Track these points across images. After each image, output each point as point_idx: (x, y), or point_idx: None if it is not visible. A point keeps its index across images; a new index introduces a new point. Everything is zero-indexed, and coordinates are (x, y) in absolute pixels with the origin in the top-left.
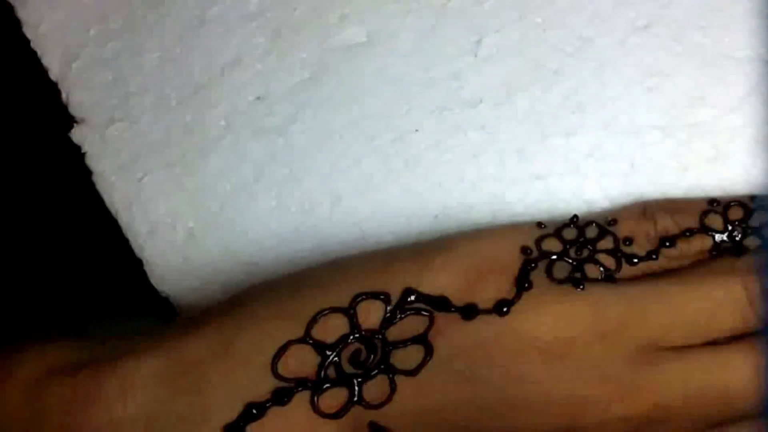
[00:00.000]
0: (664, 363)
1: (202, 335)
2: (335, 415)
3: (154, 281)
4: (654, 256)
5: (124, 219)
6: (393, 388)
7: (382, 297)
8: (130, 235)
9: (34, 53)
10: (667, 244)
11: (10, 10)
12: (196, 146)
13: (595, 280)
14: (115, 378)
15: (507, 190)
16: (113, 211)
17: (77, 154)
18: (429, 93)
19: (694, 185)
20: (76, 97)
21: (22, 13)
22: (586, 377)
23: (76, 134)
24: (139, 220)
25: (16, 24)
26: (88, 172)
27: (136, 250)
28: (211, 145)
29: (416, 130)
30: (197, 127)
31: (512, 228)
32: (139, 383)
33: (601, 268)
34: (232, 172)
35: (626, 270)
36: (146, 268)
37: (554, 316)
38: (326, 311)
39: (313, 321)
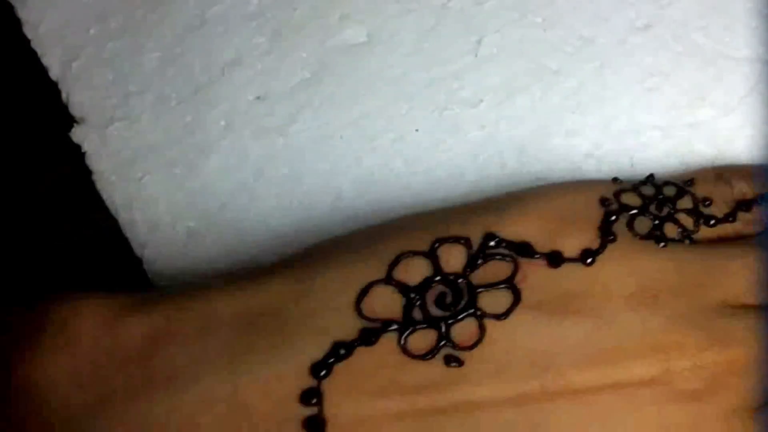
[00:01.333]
0: (746, 317)
1: (281, 277)
2: (424, 356)
3: (153, 281)
4: (731, 219)
5: (124, 218)
6: (483, 330)
7: (462, 241)
8: (130, 235)
9: (34, 53)
10: (744, 208)
11: (10, 9)
12: (196, 146)
13: (673, 239)
14: (193, 317)
15: (507, 190)
16: (113, 211)
17: (77, 153)
18: (429, 93)
19: None
20: (76, 96)
21: (22, 13)
22: (676, 325)
23: (76, 134)
24: (139, 219)
25: (16, 24)
26: (88, 172)
27: (136, 250)
28: (211, 145)
29: (416, 130)
30: (197, 127)
31: (588, 182)
32: (218, 323)
33: (679, 228)
34: (232, 172)
35: (703, 231)
36: (146, 267)
37: (639, 269)
38: (407, 254)
39: (395, 263)
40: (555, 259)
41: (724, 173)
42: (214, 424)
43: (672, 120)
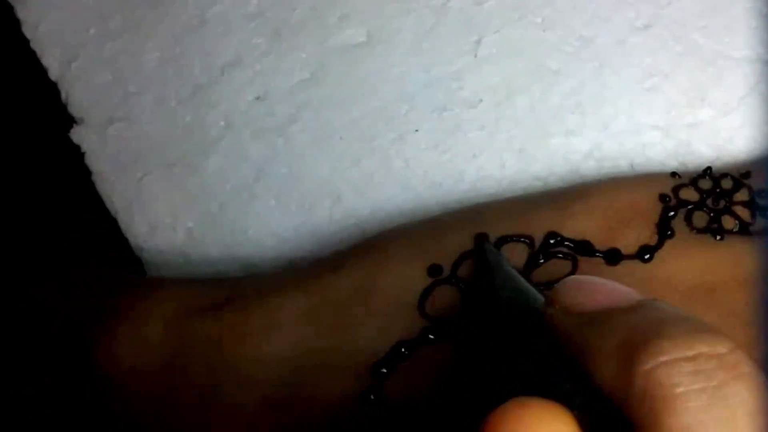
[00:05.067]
0: None
1: (346, 275)
2: None
3: None
4: None
5: (123, 219)
6: None
7: (525, 240)
8: (129, 235)
9: (34, 53)
10: None
11: (10, 9)
12: (196, 146)
13: (730, 232)
14: (261, 315)
15: (506, 190)
16: (113, 211)
17: (77, 153)
18: (429, 93)
19: None
20: (76, 96)
21: (22, 13)
22: (730, 323)
23: (76, 134)
24: (138, 220)
25: (15, 24)
26: (87, 172)
27: (136, 250)
28: (211, 145)
29: (416, 130)
30: (197, 127)
31: (648, 176)
32: (285, 321)
33: (737, 220)
34: (231, 172)
35: (759, 223)
36: (146, 267)
37: (696, 264)
38: (471, 252)
39: (459, 262)
40: (613, 257)
41: None
42: (275, 425)
43: (672, 120)
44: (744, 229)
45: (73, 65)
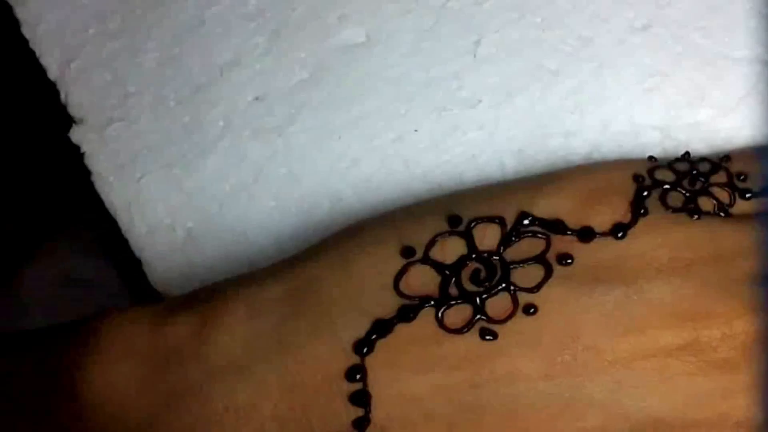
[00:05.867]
0: None
1: (322, 258)
2: (460, 330)
3: (153, 281)
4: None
5: (123, 219)
6: (516, 303)
7: (497, 220)
8: (129, 235)
9: (33, 53)
10: None
11: (9, 9)
12: (195, 146)
13: (708, 213)
14: (240, 304)
15: None
16: (112, 212)
17: (76, 154)
18: (429, 93)
19: None
20: (75, 97)
21: (21, 13)
22: (708, 294)
23: (75, 134)
24: (138, 220)
25: (14, 24)
26: (87, 173)
27: (135, 251)
28: (210, 146)
29: (416, 130)
30: (196, 127)
31: (623, 160)
32: (264, 306)
33: (715, 201)
34: (231, 173)
35: (739, 206)
36: (145, 268)
37: (672, 240)
38: (444, 234)
39: (432, 243)
40: (586, 234)
41: (762, 151)
42: (269, 409)
43: (671, 120)
44: (723, 210)
45: (73, 65)
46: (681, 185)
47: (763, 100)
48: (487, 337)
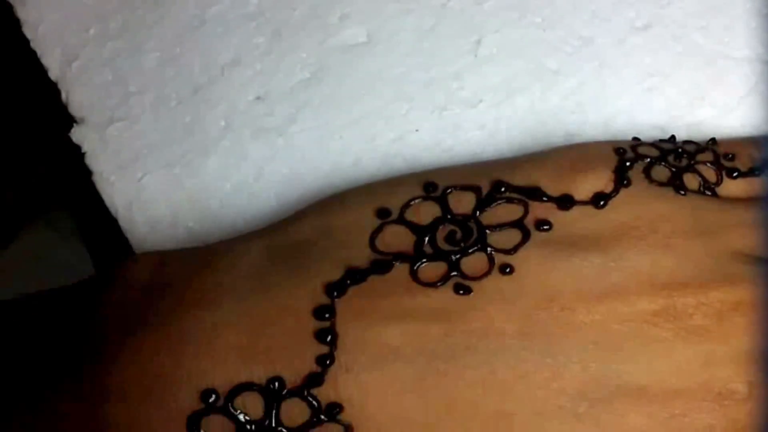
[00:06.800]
0: (758, 266)
1: (304, 220)
2: (435, 284)
3: None
4: (756, 173)
5: (123, 219)
6: (492, 263)
7: (472, 189)
8: (129, 235)
9: (34, 53)
10: None
11: (10, 9)
12: (196, 146)
13: (694, 191)
14: (223, 254)
15: None
16: (113, 211)
17: (77, 153)
18: (430, 93)
19: None
20: (76, 96)
21: (22, 13)
22: (686, 266)
23: (76, 134)
24: (138, 219)
25: (15, 24)
26: (87, 172)
27: (136, 250)
28: (211, 145)
29: (417, 130)
30: (197, 127)
31: (605, 140)
32: (246, 258)
33: (701, 179)
34: (232, 172)
35: (727, 185)
36: None
37: (654, 212)
38: (418, 198)
39: (406, 206)
40: (565, 201)
41: (749, 137)
42: (234, 337)
43: (672, 120)
44: (709, 189)
45: (74, 65)
46: (666, 160)
47: (764, 99)
48: (461, 292)
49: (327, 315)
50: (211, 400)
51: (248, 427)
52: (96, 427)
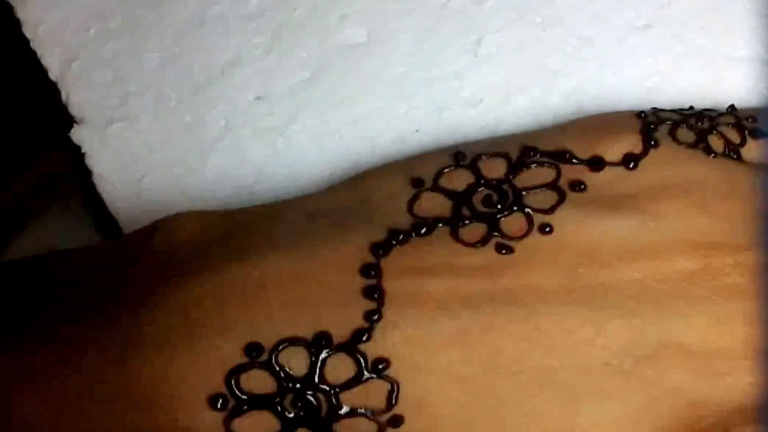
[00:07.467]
0: None
1: (339, 190)
2: (476, 244)
3: None
4: None
5: (124, 219)
6: (531, 223)
7: (502, 155)
8: None
9: (34, 53)
10: None
11: (10, 10)
12: (197, 146)
13: (719, 154)
14: (266, 215)
15: None
16: (113, 211)
17: (77, 154)
18: (430, 93)
19: None
20: (76, 97)
21: (22, 13)
22: (720, 227)
23: (76, 134)
24: (139, 220)
25: (15, 24)
26: (88, 173)
27: None
28: (211, 145)
29: (416, 130)
30: (197, 127)
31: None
32: (288, 218)
33: (724, 140)
34: (232, 172)
35: (750, 146)
36: None
37: (686, 174)
38: (451, 167)
39: (439, 174)
40: (596, 163)
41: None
42: (280, 291)
43: None
44: (734, 152)
45: (74, 65)
46: (688, 122)
47: (764, 99)
48: (503, 251)
49: (373, 272)
50: (254, 354)
51: (288, 384)
52: (123, 380)
